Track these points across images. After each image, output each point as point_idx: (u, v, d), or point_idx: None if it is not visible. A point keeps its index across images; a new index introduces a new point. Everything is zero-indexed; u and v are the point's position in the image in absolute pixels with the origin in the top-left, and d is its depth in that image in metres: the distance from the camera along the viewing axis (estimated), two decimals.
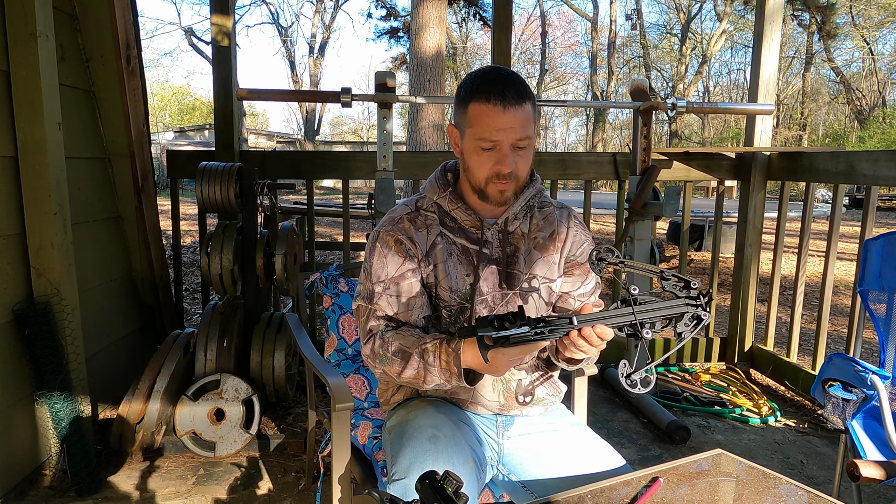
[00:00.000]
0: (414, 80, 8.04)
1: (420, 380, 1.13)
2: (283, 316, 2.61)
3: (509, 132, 1.11)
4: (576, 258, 1.30)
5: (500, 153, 1.13)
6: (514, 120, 1.10)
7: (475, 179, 1.17)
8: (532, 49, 28.50)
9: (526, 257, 1.25)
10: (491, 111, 1.10)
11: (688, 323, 0.97)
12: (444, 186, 1.25)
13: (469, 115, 1.13)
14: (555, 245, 1.27)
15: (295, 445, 2.28)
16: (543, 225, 1.28)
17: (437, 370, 1.10)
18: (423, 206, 1.26)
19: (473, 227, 1.23)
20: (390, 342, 1.16)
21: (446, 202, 1.24)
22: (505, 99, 1.10)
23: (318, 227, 8.38)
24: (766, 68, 2.95)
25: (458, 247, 1.23)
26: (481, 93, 1.11)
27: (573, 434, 1.27)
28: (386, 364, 1.16)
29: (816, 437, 2.48)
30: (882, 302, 1.62)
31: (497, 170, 1.14)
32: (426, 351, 1.11)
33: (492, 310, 1.23)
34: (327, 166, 3.02)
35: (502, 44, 2.86)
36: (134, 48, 2.64)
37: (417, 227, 1.23)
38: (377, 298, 1.20)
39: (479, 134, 1.12)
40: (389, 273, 1.20)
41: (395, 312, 1.20)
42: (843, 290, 5.24)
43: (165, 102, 29.21)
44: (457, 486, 0.70)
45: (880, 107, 22.32)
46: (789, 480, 1.07)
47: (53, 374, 1.94)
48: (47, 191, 1.97)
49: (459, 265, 1.22)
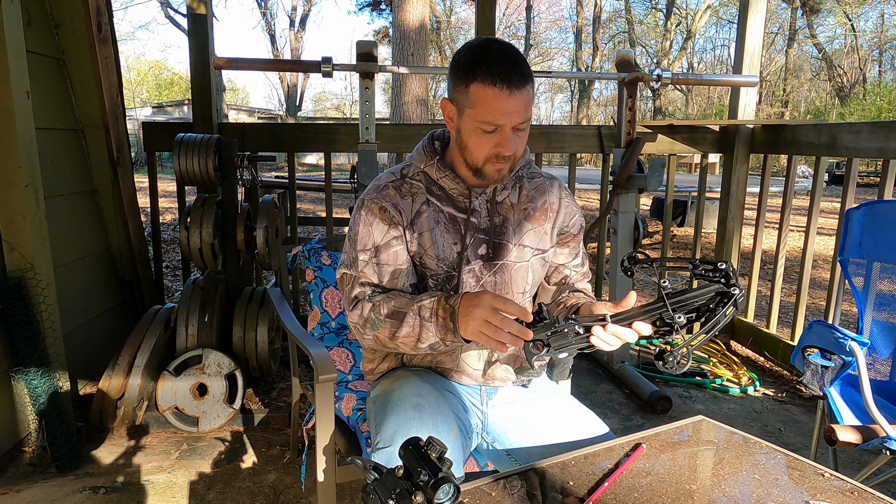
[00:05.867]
0: (397, 54, 7.91)
1: (414, 339, 1.09)
2: (265, 290, 2.58)
3: (513, 116, 1.08)
4: (569, 229, 1.29)
5: (501, 136, 1.10)
6: (518, 104, 1.07)
7: (473, 159, 1.14)
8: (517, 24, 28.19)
9: (515, 228, 1.23)
10: (496, 95, 1.06)
11: (724, 303, 0.96)
12: (431, 154, 1.22)
13: (471, 96, 1.08)
14: (546, 215, 1.26)
15: (279, 419, 2.28)
16: (534, 195, 1.26)
17: (434, 326, 1.06)
18: (408, 174, 1.23)
19: (461, 195, 1.21)
20: (381, 305, 1.13)
21: (434, 170, 1.21)
22: (511, 83, 1.05)
23: (302, 204, 8.30)
24: (751, 40, 2.94)
25: (445, 215, 1.20)
26: (486, 74, 1.06)
27: (556, 402, 1.27)
28: (378, 328, 1.12)
29: (794, 405, 2.53)
30: (861, 269, 1.64)
31: (497, 151, 1.11)
32: (423, 307, 1.08)
33: (479, 279, 1.21)
34: (309, 139, 2.97)
35: (486, 13, 2.81)
36: (105, 14, 2.54)
37: (402, 194, 1.20)
38: (362, 266, 1.18)
39: (483, 117, 1.08)
40: (375, 241, 1.18)
41: (381, 280, 1.18)
42: (821, 264, 5.33)
43: (142, 77, 28.48)
44: (441, 452, 0.69)
45: (861, 84, 22.52)
46: (769, 445, 1.09)
47: (29, 350, 1.91)
48: (17, 162, 1.90)
49: (447, 233, 1.20)
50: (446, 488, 0.66)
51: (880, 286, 1.62)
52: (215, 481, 1.92)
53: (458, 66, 1.11)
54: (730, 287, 0.96)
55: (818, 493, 0.93)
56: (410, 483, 0.68)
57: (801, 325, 2.74)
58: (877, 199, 1.77)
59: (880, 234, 1.61)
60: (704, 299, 0.97)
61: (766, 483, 0.97)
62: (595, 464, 1.02)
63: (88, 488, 1.86)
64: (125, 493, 1.85)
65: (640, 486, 0.95)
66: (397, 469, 0.70)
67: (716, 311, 0.96)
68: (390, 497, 0.68)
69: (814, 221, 2.62)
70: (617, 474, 0.97)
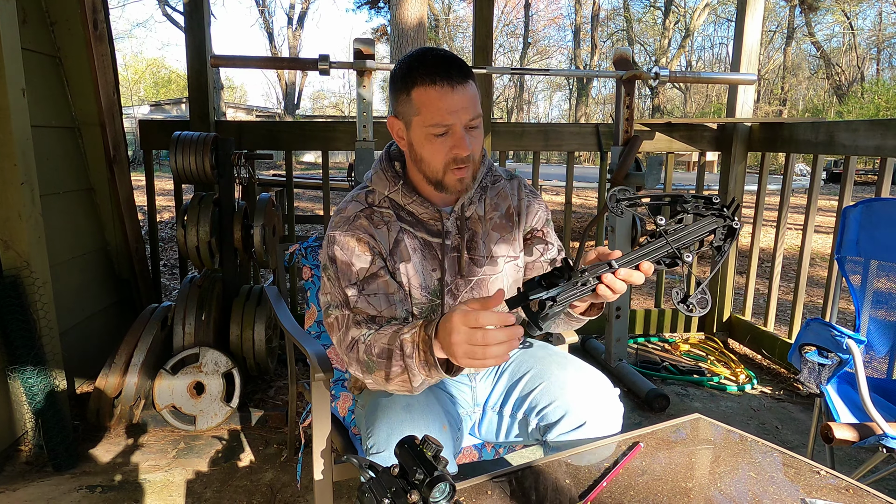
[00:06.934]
0: (395, 52, 7.90)
1: (406, 379, 0.98)
2: (262, 289, 2.58)
3: (461, 113, 1.04)
4: (533, 227, 1.26)
5: (454, 136, 1.05)
6: (463, 99, 1.03)
7: (431, 170, 1.09)
8: (515, 22, 28.17)
9: (485, 240, 1.20)
10: (439, 93, 1.02)
11: (722, 236, 0.95)
12: (394, 179, 1.15)
13: (414, 103, 1.05)
14: (512, 220, 1.23)
15: (276, 418, 2.28)
16: (497, 202, 1.23)
17: (416, 363, 0.96)
18: (375, 203, 1.16)
19: (432, 219, 1.16)
20: (374, 343, 1.02)
21: (400, 196, 1.15)
22: (452, 78, 1.02)
23: (299, 203, 8.28)
24: (748, 37, 2.94)
25: (419, 241, 1.16)
26: (424, 76, 1.03)
27: (543, 351, 1.30)
28: (374, 370, 1.02)
29: (791, 403, 2.53)
30: (858, 267, 1.64)
31: (454, 154, 1.06)
32: (404, 342, 0.97)
33: (456, 297, 1.17)
34: (306, 137, 2.96)
35: (484, 11, 2.81)
36: (101, 12, 2.53)
37: (375, 223, 1.13)
38: (354, 301, 1.09)
39: (430, 120, 1.04)
40: (359, 273, 1.10)
41: (380, 311, 1.09)
42: (819, 262, 5.33)
43: (140, 75, 28.40)
44: (436, 451, 0.69)
45: (859, 82, 22.54)
46: (765, 443, 1.09)
47: (26, 349, 1.90)
48: (13, 160, 1.90)
49: (425, 260, 1.16)
50: (442, 487, 0.65)
51: (877, 284, 1.62)
52: (212, 480, 1.92)
53: (397, 78, 1.08)
54: (730, 220, 0.95)
55: (814, 491, 0.93)
56: (406, 482, 0.68)
57: (798, 323, 2.74)
58: (874, 197, 1.77)
59: (877, 231, 1.61)
60: (704, 233, 0.95)
61: (763, 481, 0.97)
62: (592, 462, 1.02)
63: (85, 487, 1.85)
64: (122, 491, 1.84)
65: (638, 484, 0.95)
66: (393, 468, 0.70)
67: (722, 246, 0.95)
68: (386, 496, 0.68)
69: (811, 219, 2.62)
70: (615, 473, 0.97)
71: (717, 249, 0.97)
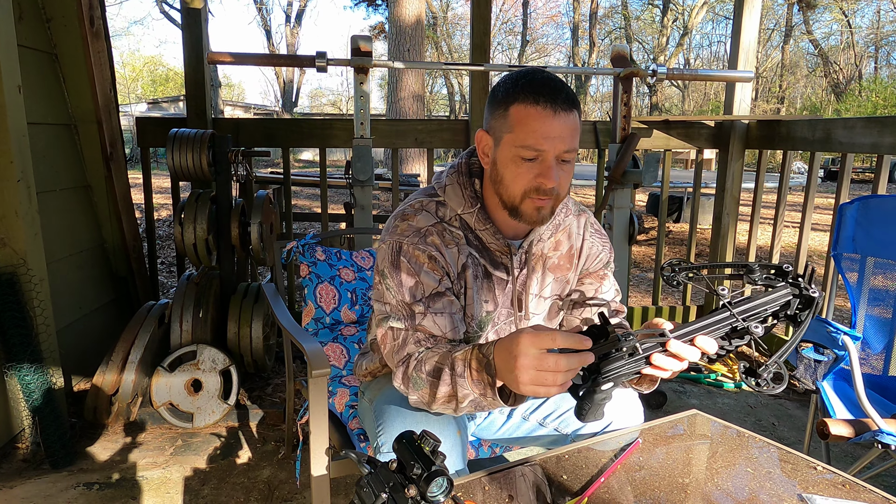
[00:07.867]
0: (393, 49, 7.89)
1: (454, 398, 0.94)
2: (259, 286, 2.57)
3: (557, 142, 0.96)
4: (588, 269, 1.20)
5: (543, 165, 0.98)
6: (563, 128, 0.96)
7: (509, 194, 1.01)
8: (513, 19, 28.13)
9: (539, 279, 1.15)
10: (539, 115, 0.95)
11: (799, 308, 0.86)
12: (471, 200, 1.08)
13: (510, 119, 0.97)
14: (571, 262, 1.18)
15: (274, 415, 2.28)
16: (561, 239, 1.16)
17: (469, 381, 0.91)
18: (446, 218, 1.09)
19: (500, 251, 1.10)
20: (425, 361, 0.98)
21: (473, 219, 1.08)
22: (556, 102, 0.95)
23: (297, 200, 8.27)
24: (746, 35, 2.94)
25: (481, 269, 1.11)
26: (528, 93, 0.96)
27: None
28: (420, 388, 0.98)
29: (788, 400, 2.54)
30: (855, 264, 1.64)
31: (539, 183, 0.98)
32: (456, 360, 0.93)
33: (498, 333, 1.12)
34: (303, 134, 2.95)
35: (482, 9, 2.80)
36: (97, 9, 2.52)
37: (446, 242, 1.07)
38: (420, 319, 1.03)
39: (522, 140, 0.96)
40: (427, 290, 1.04)
41: (444, 332, 1.04)
42: (816, 259, 5.35)
43: (137, 73, 28.31)
44: (434, 446, 0.69)
45: (857, 80, 22.57)
46: (762, 438, 1.09)
47: (23, 346, 1.90)
48: (9, 157, 1.89)
49: (481, 290, 1.11)
50: (439, 481, 0.66)
51: (874, 281, 1.63)
52: (210, 477, 1.92)
53: (498, 92, 1.01)
54: (808, 290, 0.86)
55: (811, 487, 0.94)
56: (404, 476, 0.68)
57: None
58: (870, 194, 1.77)
59: (874, 228, 1.61)
60: (777, 305, 0.86)
61: (760, 476, 0.97)
62: (591, 458, 1.02)
63: (82, 484, 1.85)
64: (119, 489, 1.84)
65: (636, 479, 0.95)
66: (391, 463, 0.70)
67: (799, 316, 0.86)
68: (384, 490, 0.68)
69: (808, 217, 2.63)
70: (613, 468, 0.97)
71: (792, 319, 0.87)
